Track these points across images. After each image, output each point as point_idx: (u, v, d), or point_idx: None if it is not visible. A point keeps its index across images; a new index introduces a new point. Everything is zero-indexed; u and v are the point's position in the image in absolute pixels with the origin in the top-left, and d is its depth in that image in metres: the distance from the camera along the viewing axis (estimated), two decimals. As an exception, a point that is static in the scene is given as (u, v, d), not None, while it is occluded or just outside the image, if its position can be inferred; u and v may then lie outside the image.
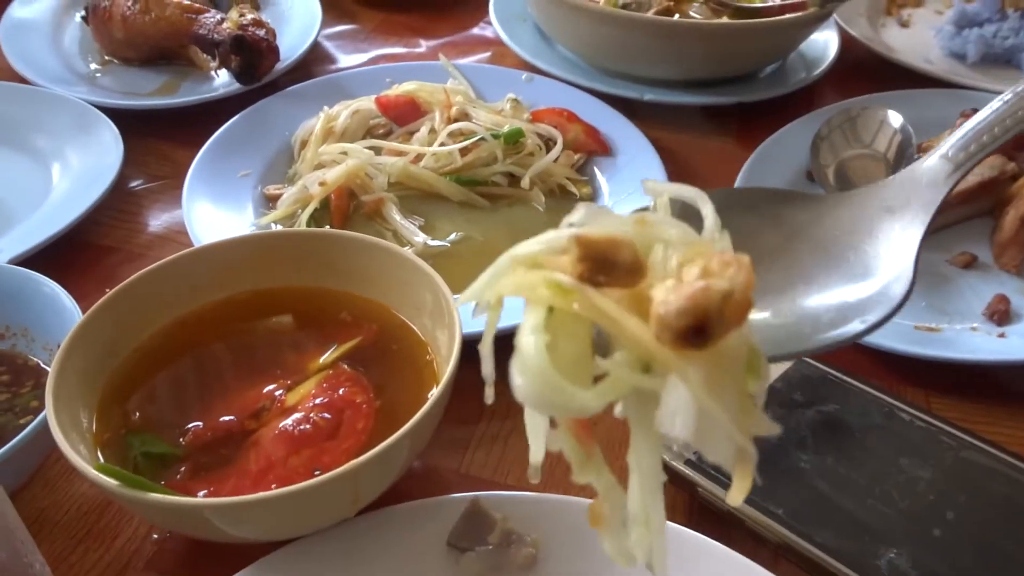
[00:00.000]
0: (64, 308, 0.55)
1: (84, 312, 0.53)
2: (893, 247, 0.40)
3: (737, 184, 0.77)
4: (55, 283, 0.56)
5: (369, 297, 0.58)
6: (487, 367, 0.30)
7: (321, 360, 0.54)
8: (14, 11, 1.00)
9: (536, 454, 0.31)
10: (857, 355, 0.63)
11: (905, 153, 0.79)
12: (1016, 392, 0.60)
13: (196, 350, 0.55)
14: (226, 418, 0.50)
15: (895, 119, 0.81)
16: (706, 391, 0.25)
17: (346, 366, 0.54)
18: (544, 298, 0.28)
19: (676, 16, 0.97)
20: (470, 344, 0.51)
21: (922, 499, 0.50)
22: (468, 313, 0.51)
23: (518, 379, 0.27)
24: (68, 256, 0.72)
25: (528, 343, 0.27)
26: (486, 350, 0.30)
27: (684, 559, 0.46)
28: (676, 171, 0.80)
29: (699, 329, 0.25)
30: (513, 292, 0.29)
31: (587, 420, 0.29)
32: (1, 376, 0.56)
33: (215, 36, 0.88)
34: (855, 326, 0.37)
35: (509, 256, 0.29)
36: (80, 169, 0.78)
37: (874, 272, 0.39)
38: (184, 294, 0.56)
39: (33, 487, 0.54)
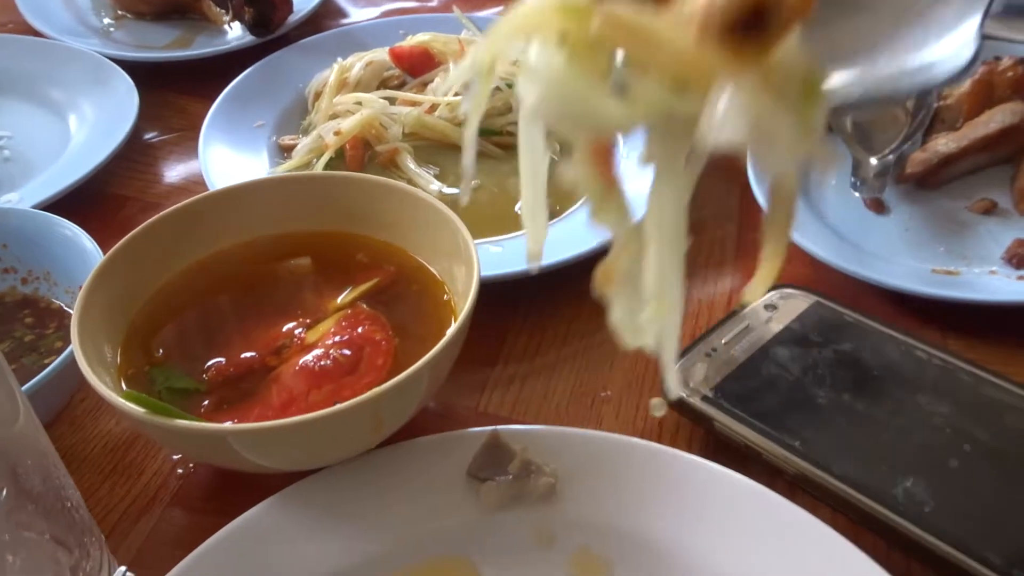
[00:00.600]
0: (85, 250, 0.55)
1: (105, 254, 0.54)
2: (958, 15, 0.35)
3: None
4: (76, 226, 0.57)
5: (387, 240, 0.58)
6: (468, 157, 0.27)
7: (339, 300, 0.55)
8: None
9: (536, 214, 0.28)
10: (874, 298, 0.63)
11: (925, 101, 0.78)
12: (1034, 333, 0.60)
13: (217, 291, 0.55)
14: (247, 354, 0.50)
15: (914, 66, 0.80)
16: (763, 91, 0.21)
17: (364, 306, 0.54)
18: (555, 26, 0.23)
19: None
20: (486, 287, 0.51)
21: (939, 432, 0.50)
22: (485, 256, 0.52)
23: (530, 90, 0.23)
24: (87, 205, 0.72)
25: (540, 53, 0.23)
26: (470, 136, 0.27)
27: (701, 488, 0.46)
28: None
29: (755, 15, 0.20)
30: (518, 31, 0.24)
31: (607, 147, 0.25)
32: (25, 318, 0.57)
33: (228, -12, 0.88)
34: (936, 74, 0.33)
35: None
36: (96, 121, 0.78)
37: (943, 34, 0.35)
38: (204, 237, 0.57)
39: (60, 425, 0.54)
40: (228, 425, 0.41)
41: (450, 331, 0.45)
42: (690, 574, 0.44)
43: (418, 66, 0.84)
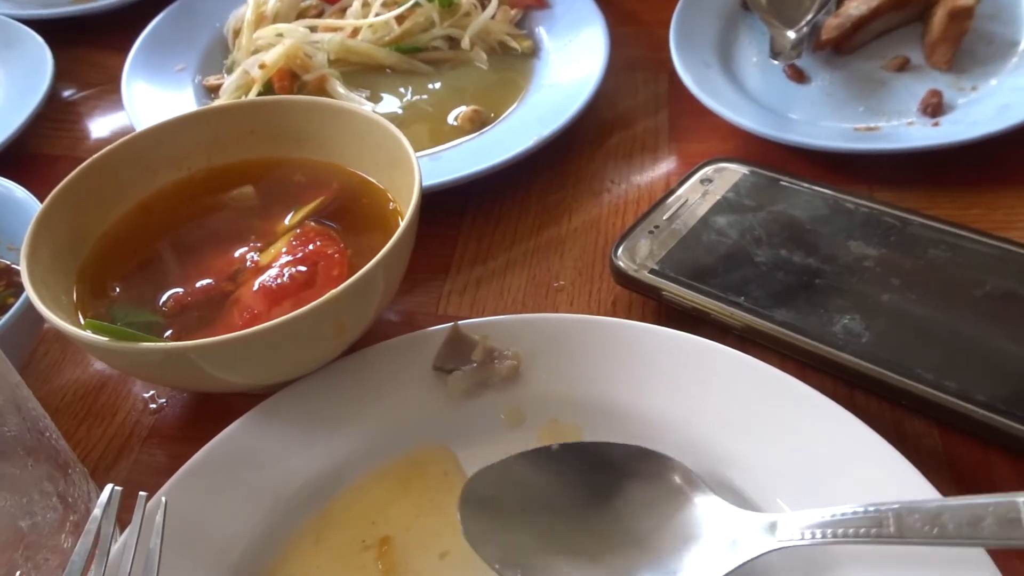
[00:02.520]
0: (21, 202, 0.55)
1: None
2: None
3: (675, 15, 0.78)
4: (5, 179, 0.56)
5: (325, 160, 0.58)
6: None
7: (286, 221, 0.55)
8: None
9: None
10: (803, 161, 0.66)
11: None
12: (952, 174, 0.63)
13: (164, 227, 0.56)
14: (204, 282, 0.51)
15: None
16: None
17: (313, 223, 0.55)
18: None
19: None
20: (430, 198, 0.52)
21: (870, 273, 0.53)
22: (425, 169, 0.53)
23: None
24: (17, 168, 0.70)
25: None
26: None
27: (656, 351, 0.49)
28: (616, 17, 0.80)
29: None
30: None
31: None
32: (-28, 280, 0.57)
33: (127, -68, 0.85)
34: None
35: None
36: (10, 82, 0.76)
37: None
38: (142, 176, 0.56)
39: (26, 379, 0.55)
40: (189, 343, 0.42)
41: (399, 230, 0.47)
42: (654, 429, 0.47)
43: (335, -8, 0.83)
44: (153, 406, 0.53)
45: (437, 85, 0.77)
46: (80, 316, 0.49)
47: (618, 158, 0.70)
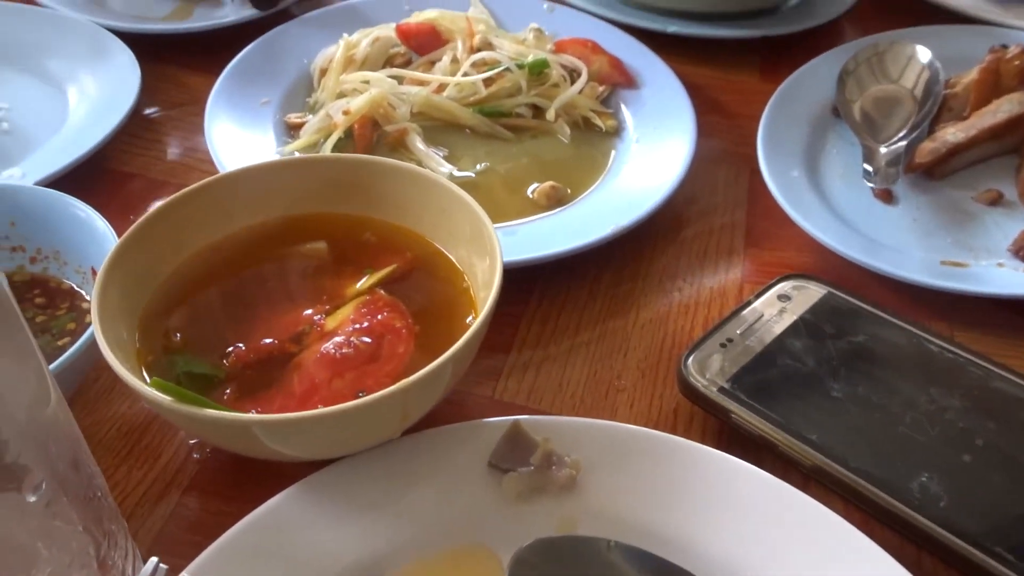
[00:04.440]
0: (98, 231, 0.54)
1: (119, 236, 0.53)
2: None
3: (764, 117, 0.76)
4: (88, 206, 0.56)
5: (403, 224, 0.58)
6: None
7: (358, 286, 0.54)
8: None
9: None
10: (885, 287, 0.64)
11: (932, 90, 0.79)
12: (1041, 326, 0.61)
13: (231, 274, 0.55)
14: (267, 341, 0.50)
15: (923, 54, 0.81)
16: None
17: (383, 292, 0.54)
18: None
19: (701, -55, 0.95)
20: (504, 273, 0.51)
21: (951, 427, 0.51)
22: (506, 241, 0.52)
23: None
24: (90, 181, 0.71)
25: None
26: None
27: (718, 480, 0.47)
28: (702, 105, 0.79)
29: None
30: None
31: None
32: (36, 298, 0.56)
33: (230, -41, 0.86)
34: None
35: None
36: (97, 94, 0.77)
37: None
38: (217, 219, 0.56)
39: (73, 408, 0.54)
40: (255, 415, 0.41)
41: (474, 325, 0.45)
42: (707, 564, 0.45)
43: (425, 44, 0.83)
44: (197, 455, 0.52)
45: (516, 152, 0.76)
46: (141, 357, 0.48)
47: (691, 255, 0.69)
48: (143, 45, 0.83)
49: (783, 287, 0.61)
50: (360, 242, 0.58)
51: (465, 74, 0.78)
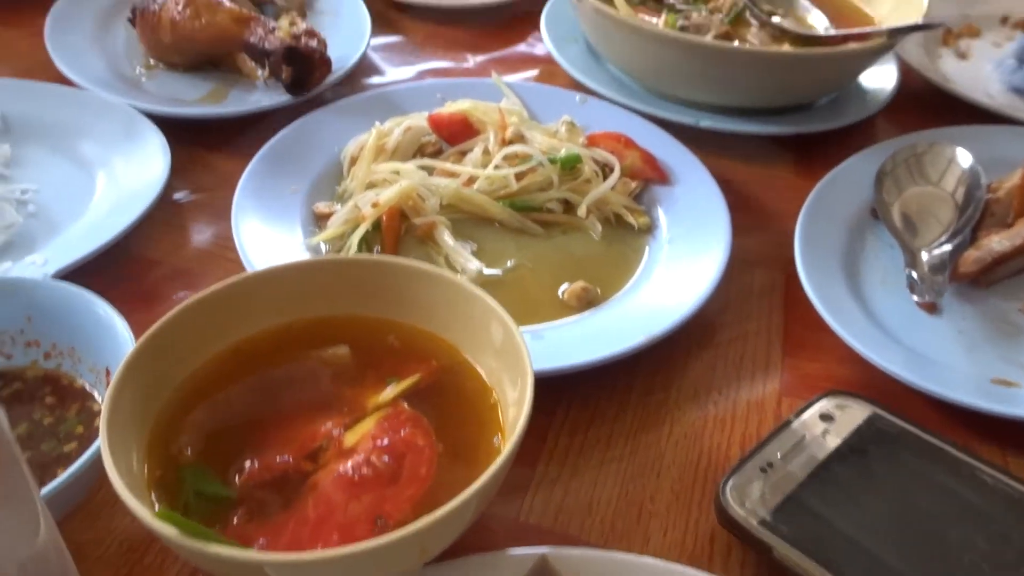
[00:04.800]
0: (116, 331, 0.53)
1: (134, 333, 0.52)
2: None
3: (800, 219, 0.74)
4: (109, 305, 0.54)
5: (430, 330, 0.55)
6: None
7: (380, 398, 0.52)
8: (60, 8, 0.98)
9: None
10: (933, 407, 0.61)
11: (974, 194, 0.77)
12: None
13: (250, 381, 0.53)
14: (282, 458, 0.48)
15: (964, 158, 0.79)
16: None
17: (406, 405, 0.51)
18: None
19: (735, 41, 0.95)
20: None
21: (1010, 569, 0.47)
22: (534, 346, 0.50)
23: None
24: (112, 267, 0.70)
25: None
26: None
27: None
28: (736, 202, 0.77)
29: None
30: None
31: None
32: (46, 398, 0.55)
33: (266, 45, 0.86)
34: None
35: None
36: (126, 178, 0.76)
37: None
38: (239, 321, 0.54)
39: (73, 520, 0.51)
40: (264, 554, 0.38)
41: (501, 457, 0.43)
42: None
43: (457, 134, 0.82)
44: (201, 576, 0.49)
45: (547, 248, 0.74)
46: (150, 473, 0.46)
47: (727, 364, 0.66)
48: (176, 128, 0.83)
49: (825, 405, 0.58)
50: (384, 346, 0.56)
51: (496, 167, 0.77)
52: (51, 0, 0.99)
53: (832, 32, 0.96)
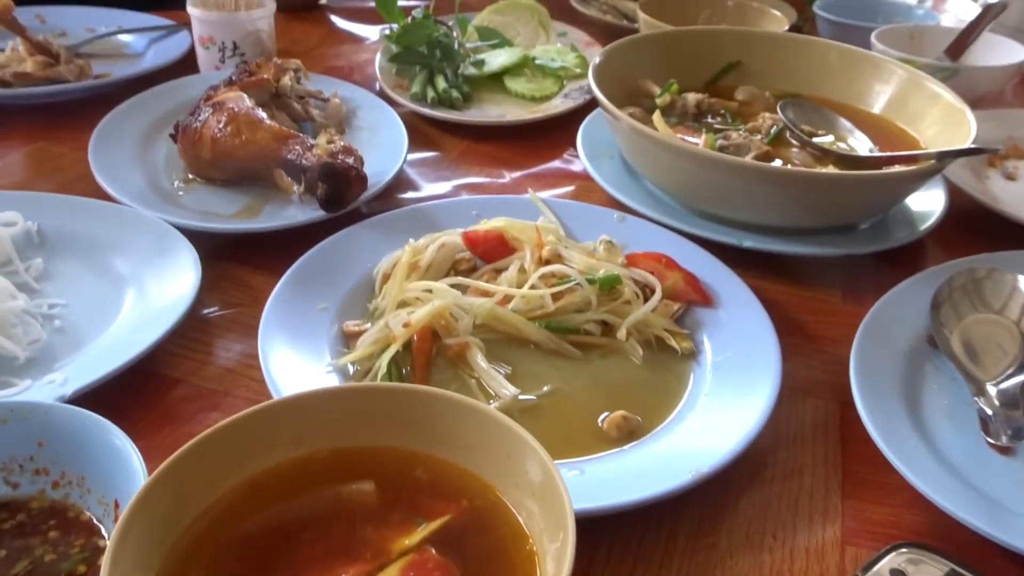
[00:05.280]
0: (129, 464, 0.50)
1: (147, 464, 0.48)
2: None
3: (855, 347, 0.70)
4: (124, 434, 0.51)
5: (462, 465, 0.51)
6: None
7: (406, 542, 0.47)
8: (106, 125, 1.00)
9: None
10: (1013, 561, 0.55)
11: (1040, 323, 0.72)
12: None
13: (266, 520, 0.49)
14: (298, 611, 0.43)
15: (1027, 285, 0.75)
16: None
17: (433, 550, 0.47)
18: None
19: (776, 161, 0.93)
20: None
21: None
22: (573, 482, 0.46)
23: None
24: (133, 386, 0.67)
25: None
26: None
27: None
28: (781, 324, 0.74)
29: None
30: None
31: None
32: (49, 531, 0.51)
33: (304, 162, 0.86)
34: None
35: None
36: (155, 294, 0.75)
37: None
38: (257, 452, 0.50)
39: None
40: None
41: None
42: None
43: (492, 252, 0.80)
44: None
45: (584, 373, 0.71)
46: (150, 627, 0.42)
47: (780, 505, 0.61)
48: (210, 242, 0.82)
49: (896, 560, 0.52)
50: (411, 482, 0.51)
51: (533, 286, 0.74)
52: (100, 118, 1.01)
53: (878, 154, 0.95)
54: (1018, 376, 0.68)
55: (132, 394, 0.67)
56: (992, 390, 0.67)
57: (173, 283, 0.75)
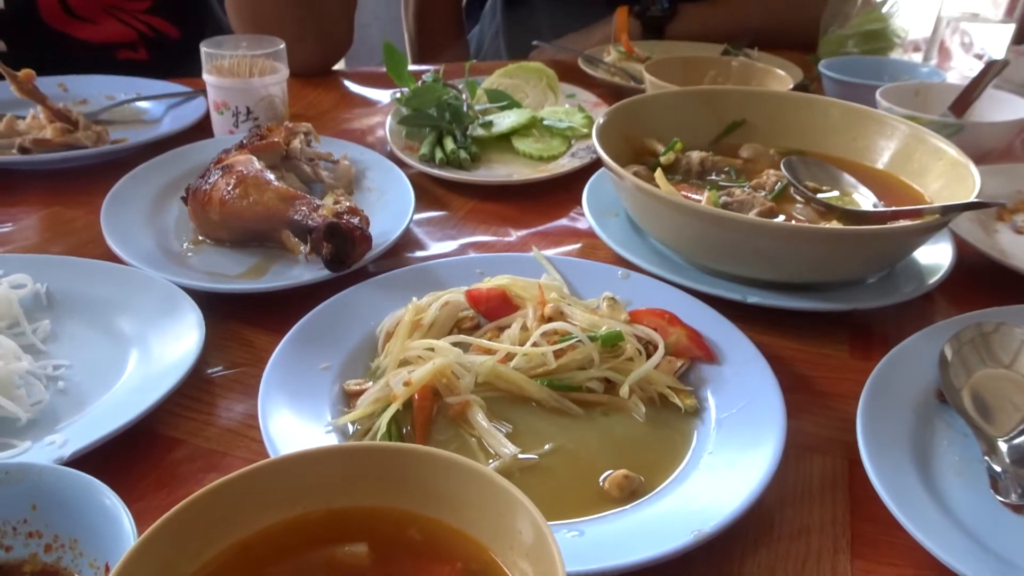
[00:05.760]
0: (120, 526, 0.49)
1: (139, 528, 0.48)
2: None
3: (862, 403, 0.69)
4: (116, 496, 0.51)
5: (456, 526, 0.51)
6: None
7: (398, 607, 0.46)
8: (119, 189, 1.02)
9: None
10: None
11: (1052, 377, 0.71)
12: None
13: (258, 582, 0.48)
14: None
15: (1037, 338, 0.74)
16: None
17: (426, 617, 0.46)
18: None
19: (780, 217, 0.93)
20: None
21: None
22: (563, 544, 0.45)
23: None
24: (133, 446, 0.67)
25: None
26: None
27: None
28: (788, 381, 0.73)
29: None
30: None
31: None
32: (39, 597, 0.51)
33: (310, 222, 0.87)
34: None
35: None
36: (158, 354, 0.75)
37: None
38: (251, 513, 0.50)
39: None
40: None
41: None
42: None
43: (495, 309, 0.81)
44: None
45: (586, 431, 0.70)
46: None
47: (788, 566, 0.59)
48: (217, 303, 0.83)
49: (906, 625, 0.50)
50: (405, 542, 0.51)
51: (535, 344, 0.74)
52: (116, 182, 1.03)
53: (882, 208, 0.95)
54: (1028, 434, 0.67)
55: (132, 455, 0.67)
56: (1004, 447, 0.65)
57: (177, 343, 0.75)
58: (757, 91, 1.21)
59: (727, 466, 0.64)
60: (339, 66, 1.69)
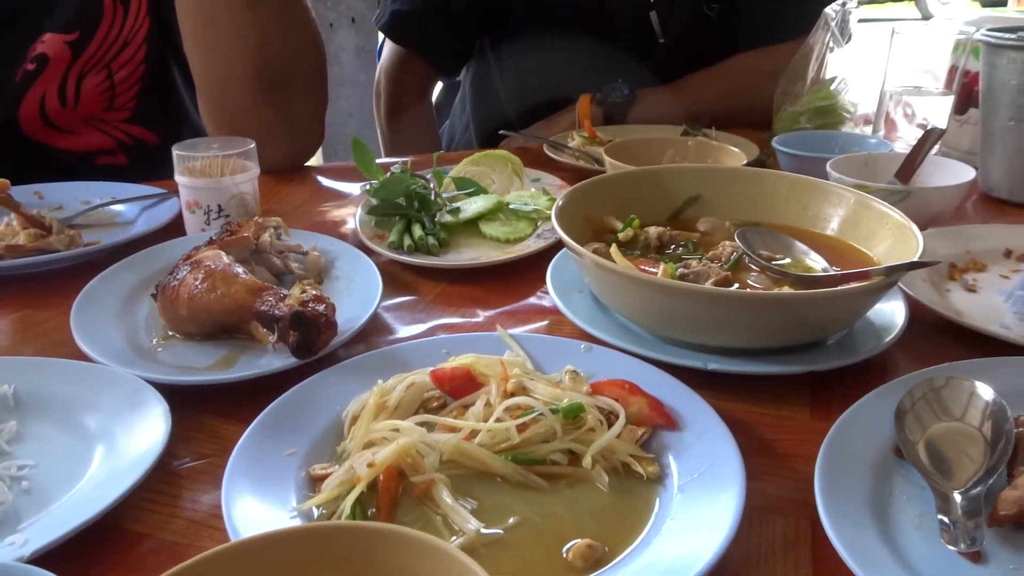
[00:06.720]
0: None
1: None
2: None
3: (819, 464, 0.70)
4: (69, 587, 0.51)
5: (414, 604, 0.51)
6: None
7: None
8: (90, 289, 1.04)
9: None
10: None
11: (1003, 428, 0.73)
12: None
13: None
14: None
15: (985, 391, 0.76)
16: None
17: None
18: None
19: (735, 285, 0.96)
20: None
21: None
22: None
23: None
24: (97, 542, 0.67)
25: None
26: None
27: None
28: (749, 445, 0.74)
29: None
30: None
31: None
32: None
33: (276, 312, 0.89)
34: None
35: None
36: (124, 449, 0.75)
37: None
38: (205, 601, 0.50)
39: None
40: None
41: None
42: None
43: (459, 388, 0.82)
44: None
45: (551, 503, 0.70)
46: None
47: (754, 629, 0.59)
48: (185, 396, 0.84)
49: None
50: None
51: (498, 419, 0.75)
52: (87, 279, 1.05)
53: (832, 272, 0.98)
54: (985, 482, 0.68)
55: (97, 550, 0.67)
56: (958, 498, 0.66)
57: (143, 437, 0.76)
58: (710, 168, 1.26)
59: (689, 530, 0.65)
60: (314, 161, 1.74)
